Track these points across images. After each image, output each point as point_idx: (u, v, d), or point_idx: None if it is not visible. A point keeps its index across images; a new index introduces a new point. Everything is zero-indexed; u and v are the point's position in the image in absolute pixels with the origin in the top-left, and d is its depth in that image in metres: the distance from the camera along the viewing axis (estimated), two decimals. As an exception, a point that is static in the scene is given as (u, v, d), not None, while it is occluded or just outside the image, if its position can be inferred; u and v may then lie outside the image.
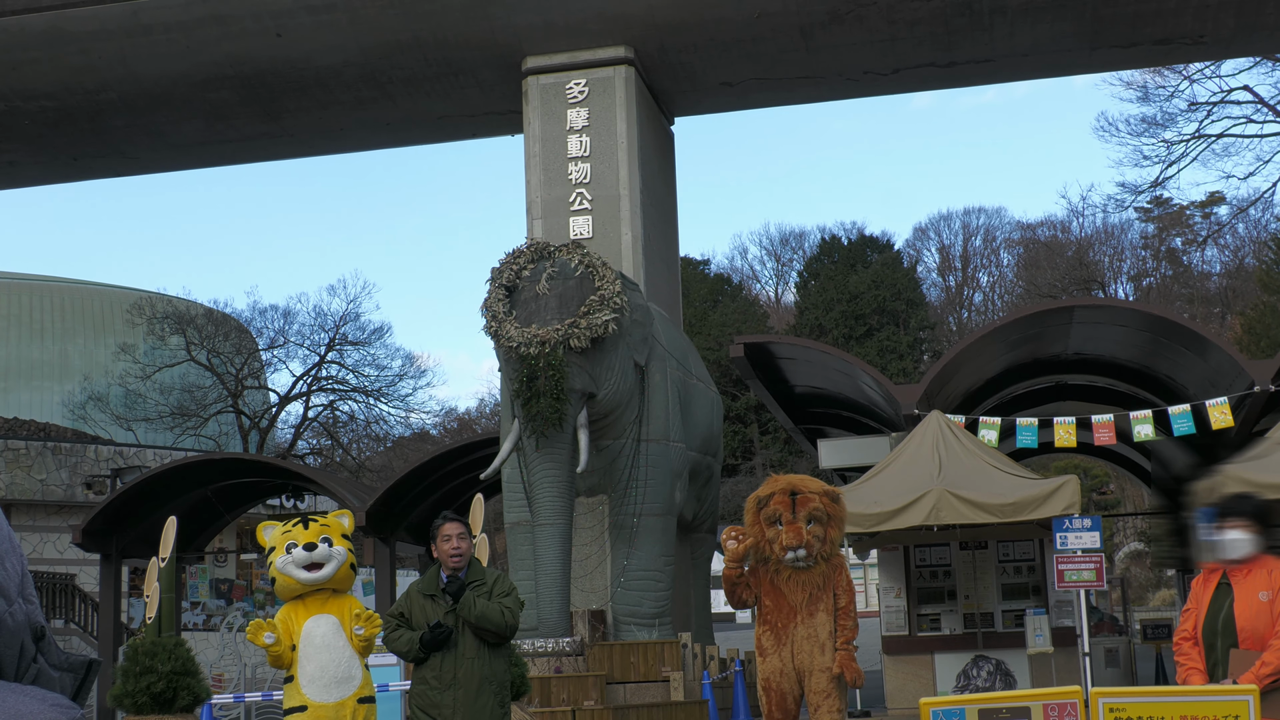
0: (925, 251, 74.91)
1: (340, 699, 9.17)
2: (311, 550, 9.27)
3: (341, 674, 9.19)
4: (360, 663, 9.31)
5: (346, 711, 9.17)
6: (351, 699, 9.19)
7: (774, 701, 9.71)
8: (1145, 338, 21.19)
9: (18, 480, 33.41)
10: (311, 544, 9.28)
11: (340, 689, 9.18)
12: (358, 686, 9.23)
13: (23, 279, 54.98)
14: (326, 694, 9.15)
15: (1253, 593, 7.44)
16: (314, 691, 9.15)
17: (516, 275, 18.49)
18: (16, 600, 1.71)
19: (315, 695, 9.15)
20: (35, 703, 1.62)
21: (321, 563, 9.29)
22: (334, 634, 9.26)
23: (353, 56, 24.85)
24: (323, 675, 9.16)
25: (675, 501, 19.69)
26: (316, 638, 9.23)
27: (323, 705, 9.14)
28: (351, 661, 9.24)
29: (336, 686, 9.17)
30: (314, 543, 9.29)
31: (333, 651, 9.21)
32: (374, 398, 46.71)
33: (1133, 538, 53.81)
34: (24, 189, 33.21)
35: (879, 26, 23.99)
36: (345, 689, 9.19)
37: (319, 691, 9.15)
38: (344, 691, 9.18)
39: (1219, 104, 42.87)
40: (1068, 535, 16.52)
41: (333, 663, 9.18)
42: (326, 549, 9.31)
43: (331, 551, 9.33)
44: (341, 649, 9.23)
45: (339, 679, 9.18)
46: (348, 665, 9.22)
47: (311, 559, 9.27)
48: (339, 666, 9.19)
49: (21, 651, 1.70)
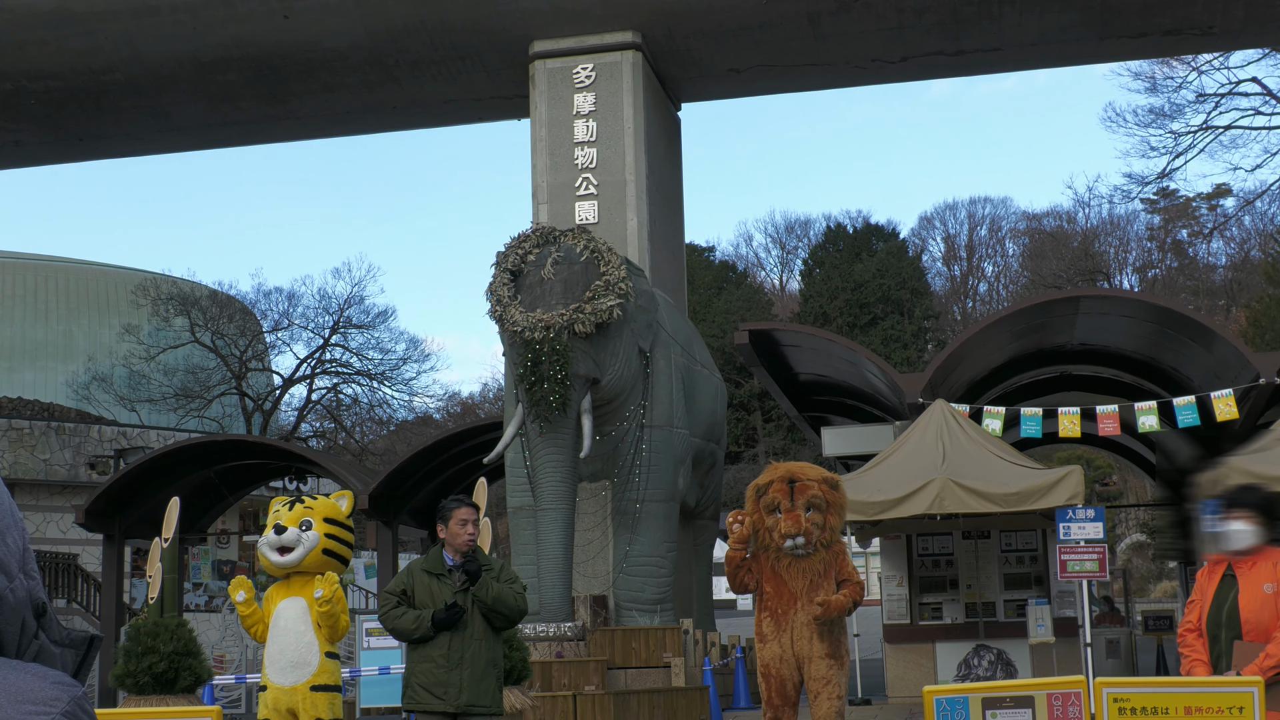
0: (930, 241, 74.84)
1: (294, 683, 9.15)
2: (281, 534, 9.28)
3: (297, 658, 9.17)
4: (320, 650, 9.25)
5: (298, 697, 9.14)
6: (304, 685, 9.15)
7: (773, 688, 9.71)
8: (1151, 329, 21.16)
9: (21, 460, 33.44)
10: (282, 527, 9.29)
11: (294, 673, 9.16)
12: (312, 674, 9.18)
13: (28, 259, 54.99)
14: (282, 676, 9.17)
15: (1257, 585, 7.42)
16: (273, 673, 9.21)
17: (522, 260, 18.47)
18: (18, 576, 1.69)
19: (273, 676, 9.20)
20: (36, 679, 1.60)
21: (290, 547, 9.29)
22: (300, 618, 9.26)
23: (359, 39, 24.81)
24: (280, 657, 9.19)
25: (678, 488, 19.68)
26: (282, 620, 9.27)
27: (279, 687, 9.16)
28: (309, 648, 9.20)
29: (292, 670, 9.17)
30: (285, 526, 9.30)
31: (292, 635, 9.21)
32: (378, 381, 46.73)
33: (1135, 529, 53.81)
34: (30, 169, 33.21)
35: (887, 14, 23.93)
36: (299, 674, 9.16)
37: (276, 673, 9.19)
38: (298, 676, 9.16)
39: (1227, 96, 42.74)
40: (1071, 526, 16.51)
41: (290, 646, 9.18)
42: (296, 534, 9.30)
43: (303, 537, 9.31)
44: (302, 634, 9.21)
45: (294, 663, 9.17)
46: (305, 650, 9.19)
47: (281, 542, 9.28)
48: (295, 650, 9.17)
49: (23, 628, 1.69)
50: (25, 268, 53.82)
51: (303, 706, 9.13)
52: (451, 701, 8.39)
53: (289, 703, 9.14)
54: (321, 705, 9.17)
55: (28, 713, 1.56)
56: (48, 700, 1.58)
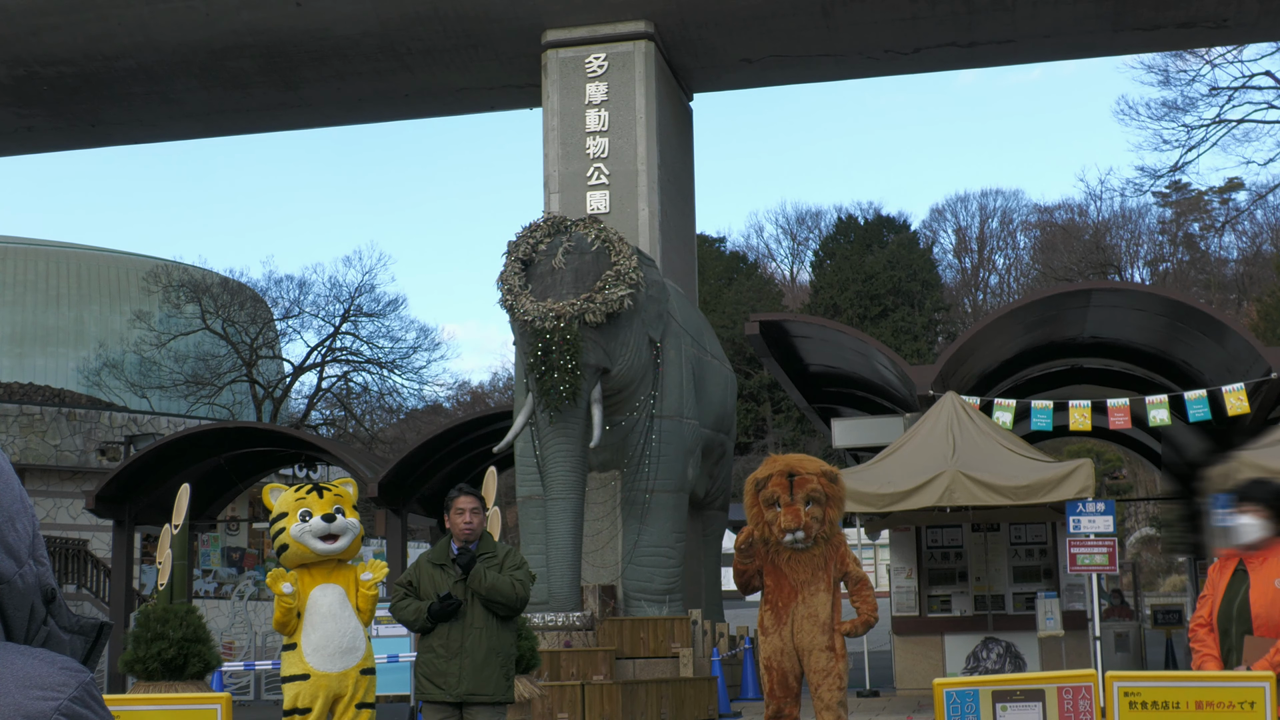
0: (941, 233, 74.75)
1: (344, 669, 9.20)
2: (330, 521, 9.29)
3: (346, 644, 9.21)
4: (364, 634, 9.34)
5: (349, 681, 9.20)
6: (355, 669, 9.22)
7: (775, 680, 9.74)
8: (1162, 322, 21.10)
9: (32, 445, 33.50)
10: (330, 515, 9.31)
11: (345, 659, 9.20)
12: (361, 657, 9.26)
13: (40, 245, 55.07)
14: (330, 664, 9.17)
15: (1268, 579, 7.39)
16: (318, 661, 9.17)
17: (533, 249, 18.46)
18: (27, 562, 1.69)
19: (319, 664, 9.17)
20: (44, 665, 1.59)
21: (339, 534, 9.32)
22: (340, 604, 9.28)
23: (372, 27, 24.80)
24: (327, 645, 9.18)
25: (688, 478, 19.68)
26: (323, 606, 9.25)
27: (326, 674, 9.16)
28: (356, 632, 9.27)
29: (341, 656, 9.19)
30: (331, 514, 9.32)
31: (338, 621, 9.23)
32: (388, 369, 46.72)
33: (1144, 523, 53.74)
34: (42, 154, 33.25)
35: (900, 5, 23.88)
36: (349, 659, 9.21)
37: (323, 661, 9.17)
38: (348, 662, 9.21)
39: (1240, 89, 42.58)
40: (1081, 519, 16.49)
41: (338, 633, 9.20)
42: (344, 521, 9.36)
43: (347, 524, 9.37)
44: (347, 619, 9.25)
45: (344, 649, 9.20)
46: (353, 636, 9.25)
47: (329, 530, 9.30)
48: (344, 637, 9.21)
49: (32, 613, 1.68)
50: (37, 254, 53.89)
51: (353, 690, 9.19)
52: (451, 690, 8.42)
53: (338, 689, 9.17)
54: (371, 688, 9.29)
55: (35, 698, 1.55)
56: (56, 685, 1.58)
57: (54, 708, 1.56)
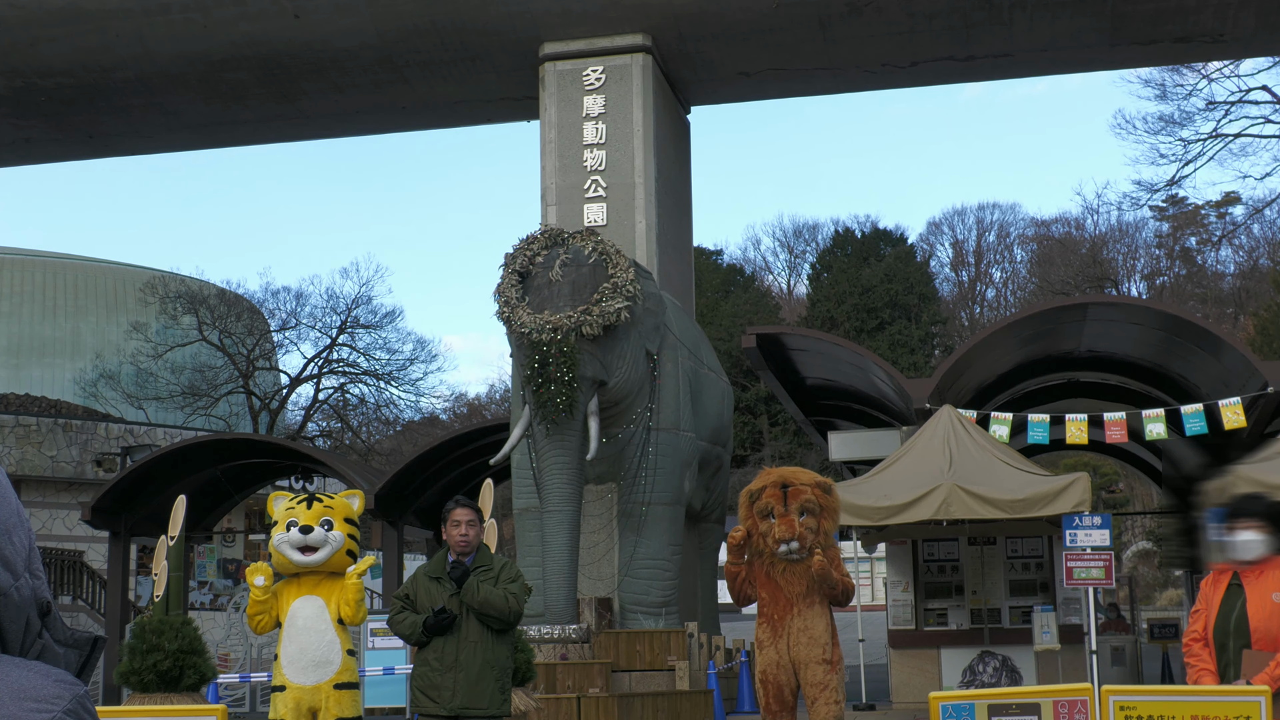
0: (938, 246, 74.78)
1: (317, 682, 9.17)
2: (307, 534, 9.29)
3: (320, 657, 9.19)
4: (341, 647, 9.29)
5: (321, 695, 9.17)
6: (328, 683, 9.18)
7: (771, 694, 9.73)
8: (1159, 336, 21.12)
9: (28, 456, 33.47)
10: (309, 527, 9.30)
11: (318, 672, 9.18)
12: (335, 671, 9.21)
13: (36, 256, 55.05)
14: (304, 676, 9.17)
15: (1266, 594, 7.39)
16: (293, 673, 9.18)
17: (530, 261, 18.47)
18: (23, 575, 1.69)
19: (293, 676, 9.18)
20: (38, 677, 1.59)
21: (316, 547, 9.31)
22: (318, 616, 9.27)
23: (370, 39, 24.83)
24: (301, 657, 9.18)
25: (684, 491, 19.67)
26: (300, 619, 9.25)
27: (300, 687, 9.16)
28: (331, 646, 9.23)
29: (314, 669, 9.18)
30: (311, 526, 9.31)
31: (313, 634, 9.22)
32: (384, 381, 46.72)
33: (1141, 537, 53.72)
34: (39, 166, 33.24)
35: (897, 19, 23.92)
36: (323, 672, 9.19)
37: (297, 673, 9.18)
38: (322, 675, 9.19)
39: (1237, 104, 42.61)
40: (1077, 533, 16.49)
41: (312, 645, 9.19)
42: (323, 534, 9.32)
43: (328, 536, 9.34)
44: (323, 632, 9.23)
45: (317, 662, 9.19)
46: (327, 649, 9.21)
47: (306, 542, 9.29)
48: (318, 649, 9.19)
49: (26, 626, 1.69)
50: (33, 265, 53.87)
51: (326, 705, 9.16)
52: (445, 704, 8.41)
53: (311, 702, 9.15)
54: (345, 703, 9.23)
55: (29, 710, 1.55)
56: (50, 698, 1.58)
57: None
